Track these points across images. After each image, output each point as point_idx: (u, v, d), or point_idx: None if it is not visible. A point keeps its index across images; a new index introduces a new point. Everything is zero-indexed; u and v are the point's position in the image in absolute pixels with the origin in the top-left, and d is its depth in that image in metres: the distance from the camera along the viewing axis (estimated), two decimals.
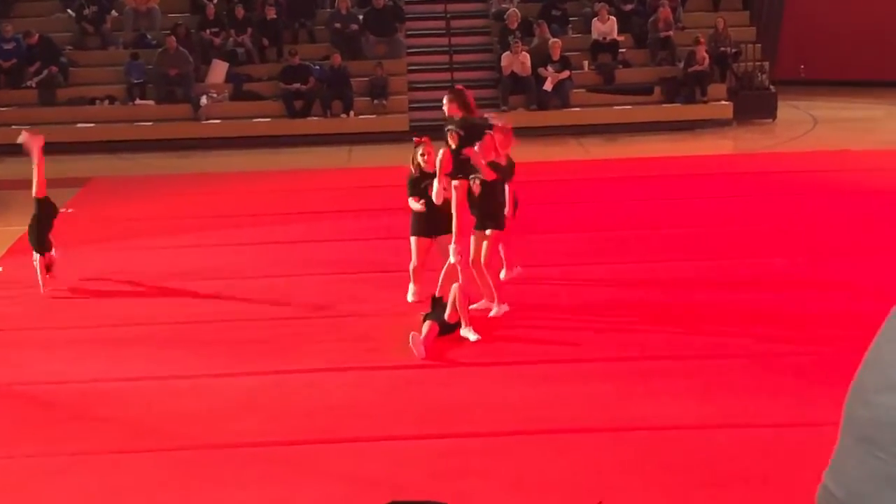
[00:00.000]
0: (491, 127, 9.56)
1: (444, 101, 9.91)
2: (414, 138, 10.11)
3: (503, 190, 9.52)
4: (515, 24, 20.45)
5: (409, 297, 9.90)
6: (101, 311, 9.99)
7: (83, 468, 6.93)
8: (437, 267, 9.57)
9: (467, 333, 9.02)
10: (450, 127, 9.59)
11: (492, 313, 9.50)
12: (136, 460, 7.01)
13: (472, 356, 8.66)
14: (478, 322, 9.25)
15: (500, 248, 10.00)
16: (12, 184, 16.26)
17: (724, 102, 19.82)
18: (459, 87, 10.32)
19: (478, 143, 9.25)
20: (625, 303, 9.85)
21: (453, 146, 9.47)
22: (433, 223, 9.64)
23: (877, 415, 1.85)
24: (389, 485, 6.34)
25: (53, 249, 10.81)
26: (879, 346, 1.89)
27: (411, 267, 9.88)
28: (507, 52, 19.83)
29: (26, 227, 11.16)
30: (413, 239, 9.82)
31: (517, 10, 20.64)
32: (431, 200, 9.54)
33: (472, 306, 9.45)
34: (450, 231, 9.37)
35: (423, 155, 9.70)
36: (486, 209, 9.37)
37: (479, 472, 6.59)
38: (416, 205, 9.63)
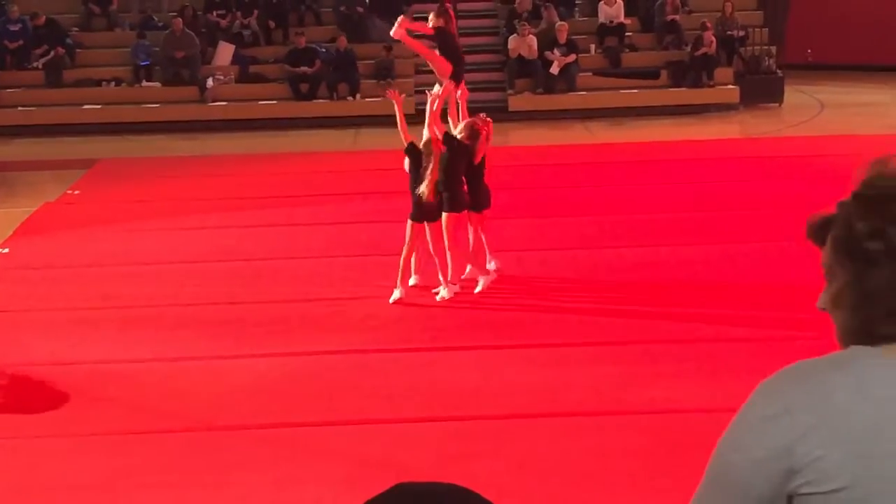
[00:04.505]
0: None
1: (431, 16, 10.16)
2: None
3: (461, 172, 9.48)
4: (525, 9, 20.37)
5: (410, 282, 9.86)
6: (106, 293, 10.00)
7: (89, 449, 6.95)
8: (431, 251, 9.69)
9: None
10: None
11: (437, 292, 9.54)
12: (143, 441, 7.03)
13: (478, 339, 8.68)
14: (478, 302, 9.29)
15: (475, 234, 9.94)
16: (19, 165, 16.30)
17: (730, 86, 19.77)
18: (447, 4, 10.60)
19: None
20: (630, 286, 9.86)
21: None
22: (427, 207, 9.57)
23: None
24: (395, 466, 6.37)
25: None
26: None
27: (411, 254, 9.71)
28: (515, 35, 19.78)
29: (33, 209, 11.17)
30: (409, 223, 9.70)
31: None
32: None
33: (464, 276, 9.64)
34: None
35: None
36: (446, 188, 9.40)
37: (484, 454, 6.61)
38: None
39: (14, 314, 9.56)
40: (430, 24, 10.12)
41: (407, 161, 9.54)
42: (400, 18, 10.25)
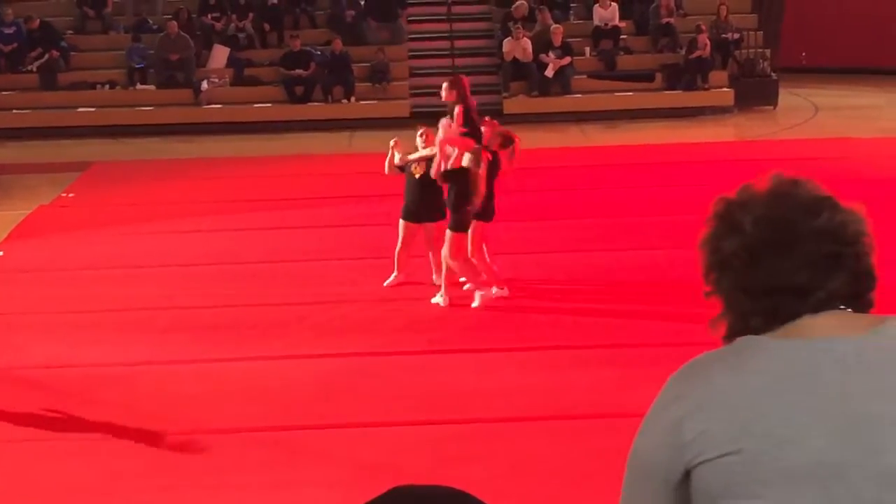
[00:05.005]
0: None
1: (444, 87, 10.01)
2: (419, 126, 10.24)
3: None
4: (521, 14, 20.37)
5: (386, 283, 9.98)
6: (101, 296, 9.99)
7: (84, 452, 6.94)
8: (423, 254, 9.73)
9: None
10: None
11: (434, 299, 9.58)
12: (138, 444, 7.03)
13: (474, 342, 8.68)
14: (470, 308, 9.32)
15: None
16: (14, 168, 16.28)
17: (725, 89, 19.78)
18: (461, 76, 10.49)
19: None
20: (625, 290, 9.87)
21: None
22: (422, 209, 9.70)
23: None
24: (389, 469, 6.37)
25: None
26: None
27: (396, 251, 9.94)
28: (509, 38, 19.78)
29: (27, 212, 11.16)
30: (401, 223, 9.88)
31: (525, 1, 20.54)
32: (420, 185, 9.61)
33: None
34: (435, 219, 9.59)
35: (421, 135, 9.80)
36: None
37: (481, 457, 6.61)
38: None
39: (8, 317, 9.54)
40: (444, 96, 9.93)
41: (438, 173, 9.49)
42: (444, 125, 9.54)
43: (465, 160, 9.22)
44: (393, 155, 9.80)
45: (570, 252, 11.02)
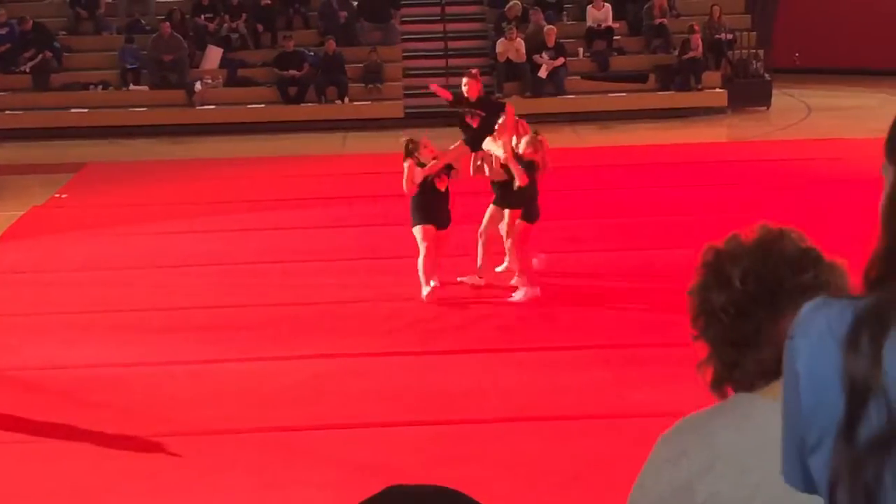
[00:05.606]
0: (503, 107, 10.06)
1: (465, 81, 10.17)
2: (403, 139, 9.91)
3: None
4: (515, 15, 20.36)
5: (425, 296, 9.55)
6: (95, 297, 9.98)
7: (76, 454, 6.93)
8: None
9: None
10: (467, 109, 9.89)
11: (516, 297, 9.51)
12: (131, 446, 7.01)
13: (468, 343, 8.68)
14: (468, 306, 9.30)
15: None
16: (7, 168, 16.25)
17: (718, 90, 19.80)
18: (475, 70, 10.71)
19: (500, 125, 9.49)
20: (620, 290, 9.87)
21: (474, 126, 9.98)
22: (443, 216, 9.59)
23: None
24: (385, 470, 6.36)
25: None
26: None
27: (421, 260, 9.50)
28: (503, 39, 19.78)
29: (20, 213, 11.14)
30: (420, 228, 9.51)
31: (519, 2, 20.54)
32: (437, 191, 9.56)
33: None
34: (448, 225, 9.61)
35: (424, 146, 9.58)
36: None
37: (475, 457, 6.61)
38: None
39: (1, 318, 9.52)
40: (466, 91, 10.13)
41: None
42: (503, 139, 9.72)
43: (522, 146, 9.23)
44: (412, 175, 9.49)
45: (564, 253, 11.01)
